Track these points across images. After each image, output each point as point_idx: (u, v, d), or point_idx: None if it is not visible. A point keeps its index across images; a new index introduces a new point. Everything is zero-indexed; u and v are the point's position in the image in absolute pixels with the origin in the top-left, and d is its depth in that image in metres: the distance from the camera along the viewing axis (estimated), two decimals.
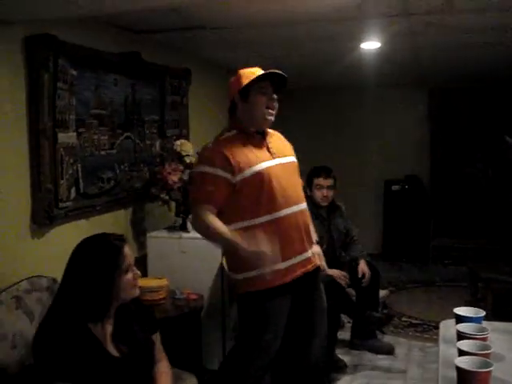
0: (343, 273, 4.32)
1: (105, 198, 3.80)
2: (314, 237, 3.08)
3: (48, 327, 2.15)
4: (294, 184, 2.87)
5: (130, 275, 2.22)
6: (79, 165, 3.49)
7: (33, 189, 3.15)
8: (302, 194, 2.95)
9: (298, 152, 3.08)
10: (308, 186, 4.49)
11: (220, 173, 2.69)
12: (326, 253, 4.37)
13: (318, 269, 2.97)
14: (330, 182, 4.48)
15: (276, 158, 2.83)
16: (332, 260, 4.44)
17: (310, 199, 4.49)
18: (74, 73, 3.40)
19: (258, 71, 2.83)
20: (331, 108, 8.00)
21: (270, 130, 2.98)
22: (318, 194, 4.44)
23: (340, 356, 4.31)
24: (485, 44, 4.66)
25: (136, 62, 4.08)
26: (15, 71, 3.04)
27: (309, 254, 2.87)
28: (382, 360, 4.41)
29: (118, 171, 3.96)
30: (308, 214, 2.96)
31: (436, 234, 7.67)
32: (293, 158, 2.98)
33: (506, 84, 7.08)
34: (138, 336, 2.28)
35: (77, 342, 2.08)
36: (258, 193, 2.71)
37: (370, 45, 4.67)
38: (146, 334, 2.35)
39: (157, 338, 2.43)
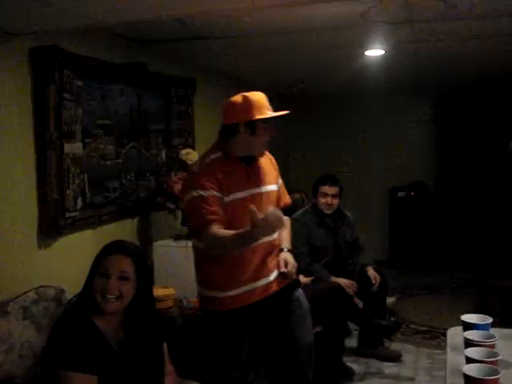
0: (351, 281, 4.31)
1: (111, 208, 3.82)
2: (286, 245, 3.01)
3: (59, 319, 2.26)
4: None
5: (100, 280, 2.21)
6: (85, 175, 3.50)
7: (39, 199, 3.17)
8: None
9: (303, 160, 3.08)
10: (313, 193, 4.50)
11: (214, 193, 2.66)
12: (332, 262, 4.40)
13: (288, 285, 2.92)
14: (335, 190, 4.47)
15: (254, 187, 2.79)
16: (339, 269, 4.44)
17: (314, 207, 4.50)
18: (80, 83, 3.42)
19: (266, 101, 2.77)
20: (336, 115, 8.01)
21: None
22: (322, 201, 4.44)
23: (348, 364, 4.30)
24: (488, 50, 4.67)
25: (141, 72, 4.10)
26: (21, 82, 3.05)
27: (270, 278, 2.83)
28: (390, 367, 4.40)
29: (123, 181, 3.97)
30: (278, 240, 2.92)
31: (442, 241, 7.65)
32: (273, 187, 2.92)
33: (510, 90, 7.08)
34: (147, 344, 2.29)
35: (78, 329, 2.14)
36: (232, 220, 2.68)
37: (375, 52, 4.68)
38: (156, 342, 2.36)
39: (164, 348, 2.44)
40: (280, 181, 3.04)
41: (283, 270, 2.85)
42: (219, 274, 2.76)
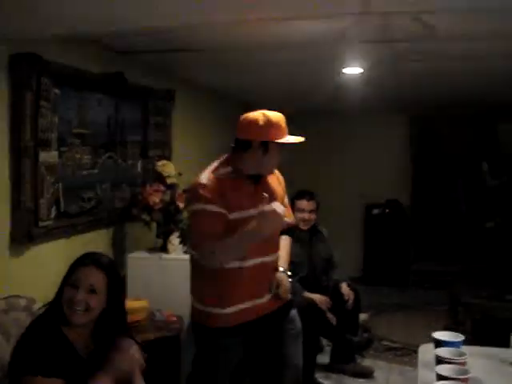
0: (324, 297, 4.32)
1: (86, 218, 3.78)
2: (283, 265, 3.01)
3: (27, 328, 2.21)
4: (272, 235, 2.78)
5: (69, 291, 2.19)
6: (60, 184, 3.47)
7: (13, 207, 3.12)
8: (277, 243, 2.92)
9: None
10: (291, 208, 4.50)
11: (219, 209, 2.62)
12: (307, 278, 4.41)
13: (284, 305, 2.92)
14: (312, 205, 4.49)
15: (261, 207, 2.69)
16: (314, 285, 4.44)
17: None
18: (58, 92, 3.39)
19: (283, 122, 2.75)
20: (314, 133, 8.00)
21: None
22: (299, 217, 4.43)
23: (320, 380, 4.29)
24: (465, 71, 4.73)
25: (119, 83, 4.08)
26: None
27: (264, 299, 2.82)
28: None
29: (99, 191, 3.95)
30: (273, 263, 2.91)
31: (416, 258, 7.71)
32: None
33: (487, 110, 7.19)
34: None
35: (46, 337, 2.12)
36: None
37: (352, 70, 4.72)
38: None
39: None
40: (286, 199, 3.03)
41: (272, 292, 2.85)
42: (216, 291, 2.73)
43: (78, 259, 2.32)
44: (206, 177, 2.70)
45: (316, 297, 4.24)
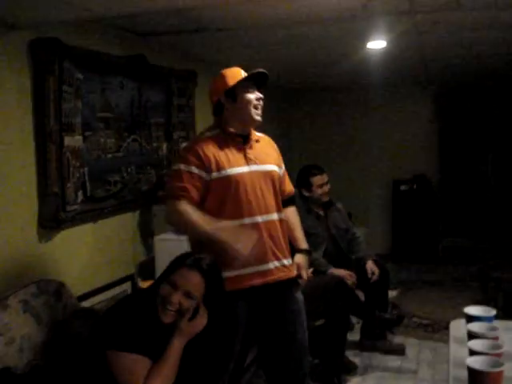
0: (350, 273, 4.29)
1: (112, 201, 3.80)
2: (303, 245, 3.01)
3: (124, 305, 2.22)
4: (265, 194, 2.78)
5: (166, 289, 2.19)
6: (86, 168, 3.49)
7: (40, 193, 3.15)
8: (274, 204, 2.84)
9: (305, 153, 3.05)
10: (305, 186, 4.47)
11: (194, 170, 2.68)
12: (329, 250, 4.39)
13: (289, 280, 2.87)
14: (326, 177, 4.51)
15: (251, 164, 2.76)
16: (338, 257, 4.42)
17: (307, 200, 4.47)
18: (80, 76, 3.40)
19: (241, 71, 2.83)
20: (338, 108, 7.98)
21: (259, 135, 2.95)
22: (321, 191, 4.47)
23: (350, 358, 4.28)
24: (492, 41, 4.63)
25: (142, 65, 4.07)
26: (21, 75, 3.04)
27: (270, 266, 2.77)
28: (392, 361, 4.39)
29: (124, 174, 3.96)
30: (281, 224, 2.87)
31: (445, 234, 7.64)
32: (273, 167, 2.88)
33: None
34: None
35: (142, 321, 2.15)
36: (224, 197, 2.69)
37: (376, 44, 4.64)
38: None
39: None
40: (283, 167, 3.01)
41: (300, 280, 2.88)
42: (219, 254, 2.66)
43: (181, 258, 2.32)
44: (191, 140, 2.79)
45: (341, 272, 4.21)
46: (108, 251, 3.81)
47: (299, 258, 2.94)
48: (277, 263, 2.79)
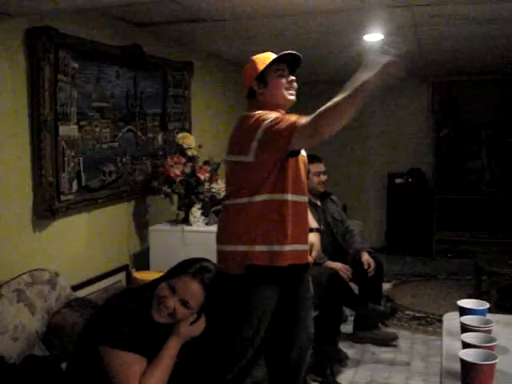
0: (345, 266, 4.30)
1: (107, 192, 3.79)
2: (313, 224, 3.03)
3: (120, 301, 2.19)
4: (304, 175, 2.80)
5: (165, 290, 2.18)
6: (81, 158, 3.48)
7: (34, 182, 3.15)
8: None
9: None
10: None
11: None
12: (325, 241, 4.39)
13: (308, 265, 2.85)
14: (323, 167, 4.51)
15: None
16: (333, 248, 4.43)
17: None
18: (76, 65, 3.39)
19: (272, 55, 2.79)
20: None
21: None
22: (316, 180, 4.45)
23: (343, 349, 4.30)
24: (488, 35, 4.63)
25: (137, 55, 4.06)
26: (16, 63, 3.03)
27: (305, 247, 2.78)
28: (385, 353, 4.40)
29: (119, 164, 3.95)
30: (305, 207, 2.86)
31: (439, 228, 7.65)
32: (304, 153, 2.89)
33: (510, 76, 7.04)
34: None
35: (138, 319, 2.12)
36: (292, 171, 2.65)
37: (373, 37, 4.64)
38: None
39: None
40: None
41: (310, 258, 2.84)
42: (276, 228, 2.63)
43: (188, 263, 2.27)
44: (255, 113, 2.65)
45: (337, 265, 4.22)
46: (102, 241, 3.81)
47: (313, 237, 2.91)
48: (306, 246, 2.79)
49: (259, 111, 2.65)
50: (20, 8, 2.84)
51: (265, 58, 2.77)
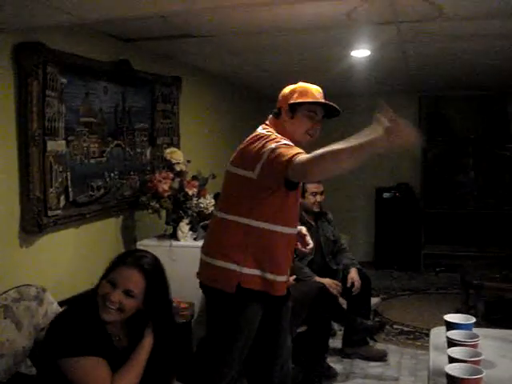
0: (335, 281, 4.31)
1: (95, 207, 3.78)
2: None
3: (63, 312, 2.20)
4: (297, 206, 2.82)
5: (106, 287, 2.17)
6: (69, 173, 3.47)
7: (22, 197, 3.13)
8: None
9: None
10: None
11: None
12: (315, 261, 4.41)
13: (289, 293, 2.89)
14: (321, 187, 4.51)
15: None
16: (322, 268, 4.44)
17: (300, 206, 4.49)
18: (64, 80, 3.39)
19: (315, 93, 2.80)
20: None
21: None
22: (312, 200, 4.47)
23: (332, 364, 4.29)
24: (474, 51, 4.68)
25: (126, 71, 4.07)
26: (4, 78, 3.02)
27: (285, 278, 2.77)
28: (374, 368, 4.40)
29: (108, 179, 3.94)
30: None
31: (427, 242, 7.68)
32: None
33: (498, 92, 7.12)
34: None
35: (86, 323, 2.11)
36: (289, 202, 2.67)
37: (360, 53, 4.68)
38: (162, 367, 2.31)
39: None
40: None
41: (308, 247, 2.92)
42: (271, 258, 2.65)
43: (121, 256, 2.29)
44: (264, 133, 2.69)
45: (326, 281, 4.23)
46: (90, 257, 3.79)
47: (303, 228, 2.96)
48: (285, 278, 2.78)
49: (274, 133, 2.67)
50: (8, 24, 2.84)
51: (307, 92, 2.79)
